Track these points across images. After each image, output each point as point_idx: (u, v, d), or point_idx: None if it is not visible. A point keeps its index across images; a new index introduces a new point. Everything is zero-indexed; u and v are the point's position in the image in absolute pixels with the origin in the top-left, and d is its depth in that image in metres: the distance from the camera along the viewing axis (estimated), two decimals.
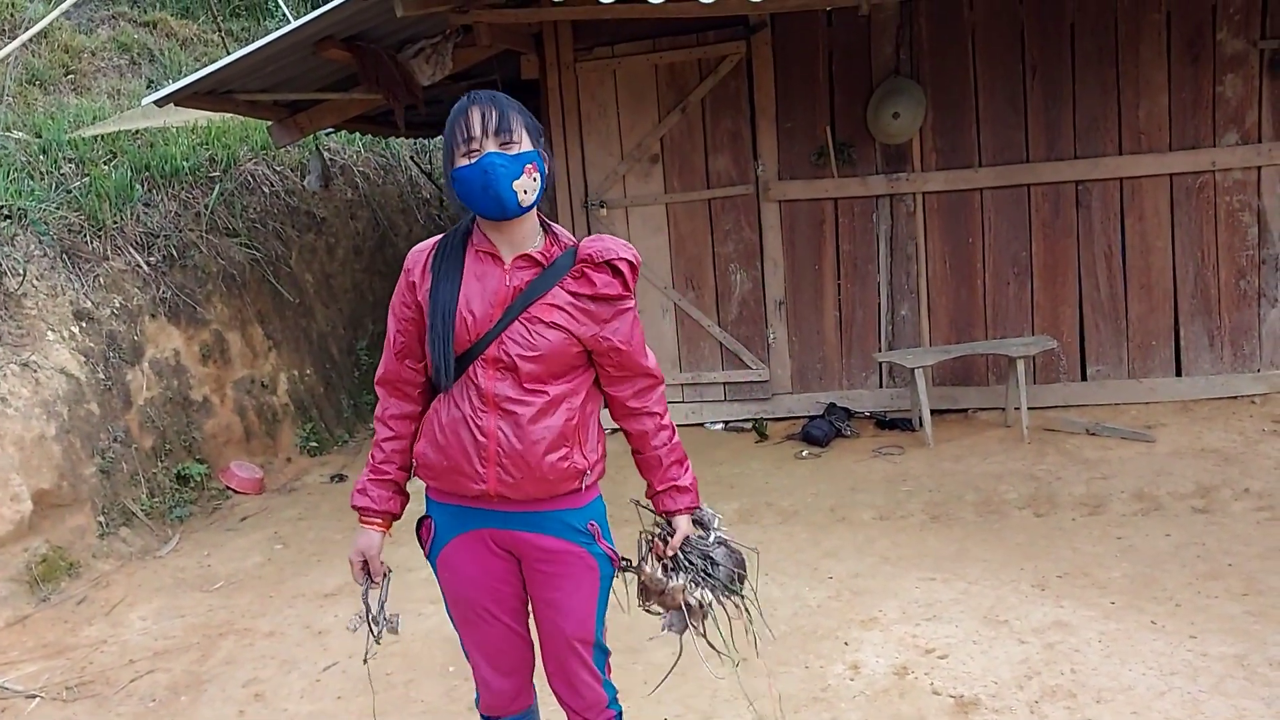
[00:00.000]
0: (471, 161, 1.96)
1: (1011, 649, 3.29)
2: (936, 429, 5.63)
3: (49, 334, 5.16)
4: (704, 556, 2.23)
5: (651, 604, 2.26)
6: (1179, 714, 2.84)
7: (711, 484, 5.30)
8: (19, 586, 4.37)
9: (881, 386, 6.18)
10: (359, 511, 2.18)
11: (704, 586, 2.22)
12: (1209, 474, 4.77)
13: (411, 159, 9.66)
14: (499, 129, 1.96)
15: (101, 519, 4.93)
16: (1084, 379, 5.95)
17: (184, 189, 6.53)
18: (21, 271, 5.20)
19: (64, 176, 6.02)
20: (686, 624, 2.24)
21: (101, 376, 5.30)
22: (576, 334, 2.04)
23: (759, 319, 6.25)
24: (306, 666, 3.67)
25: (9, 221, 5.41)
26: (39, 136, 6.34)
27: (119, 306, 5.63)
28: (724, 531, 2.29)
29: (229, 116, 6.95)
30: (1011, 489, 4.82)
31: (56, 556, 4.60)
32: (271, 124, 6.53)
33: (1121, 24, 5.70)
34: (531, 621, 2.23)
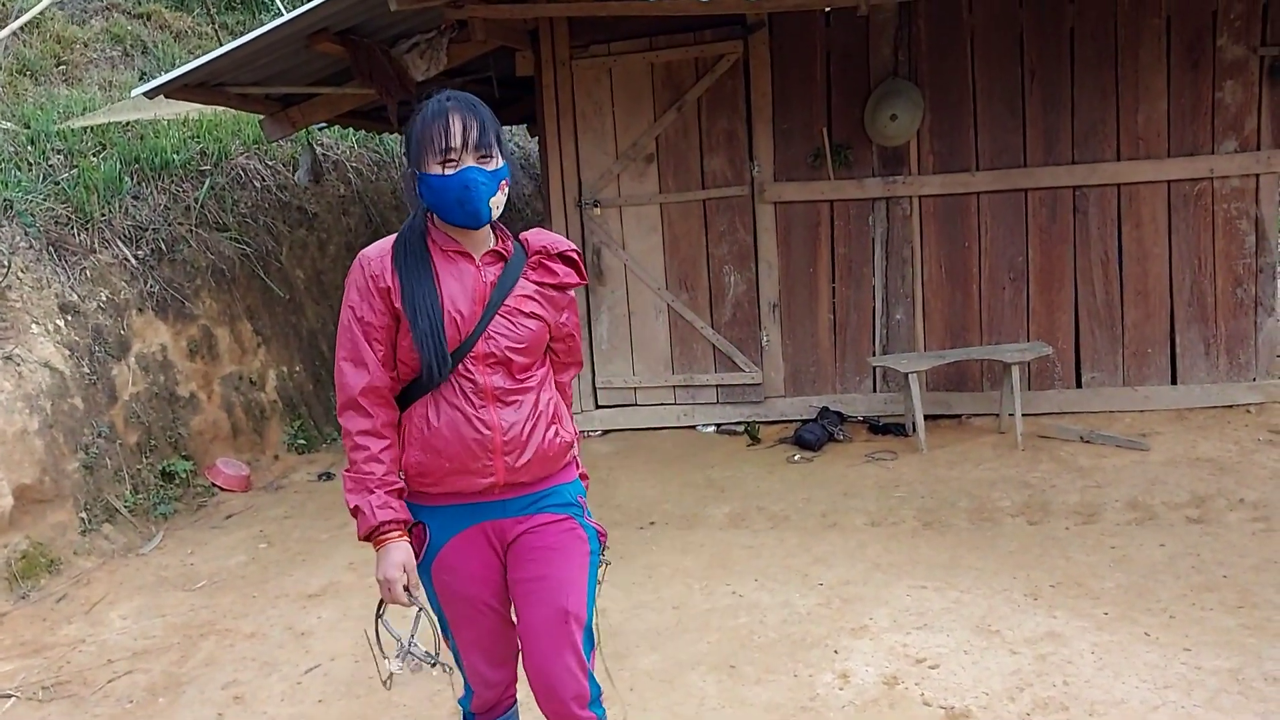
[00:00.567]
0: (447, 172, 2.00)
1: (1003, 660, 3.24)
2: (930, 434, 5.59)
3: (33, 327, 5.09)
4: None
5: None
6: None
7: (702, 487, 5.26)
8: None
9: (875, 391, 6.13)
10: (384, 528, 2.03)
11: None
12: (1204, 484, 4.73)
13: (404, 155, 9.59)
14: (480, 143, 2.01)
15: (84, 515, 4.87)
16: (1079, 386, 5.92)
17: (174, 182, 6.46)
18: (6, 264, 5.13)
19: (52, 168, 5.95)
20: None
21: (86, 371, 5.24)
22: (548, 321, 2.15)
23: (752, 321, 6.20)
24: (288, 669, 3.61)
25: None
26: (27, 127, 6.27)
27: (106, 300, 5.57)
28: None
29: (221, 110, 6.89)
30: (1005, 496, 4.78)
31: (37, 553, 4.54)
32: (263, 118, 6.47)
33: (1121, 29, 5.67)
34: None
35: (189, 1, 9.86)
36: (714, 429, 6.26)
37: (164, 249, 6.06)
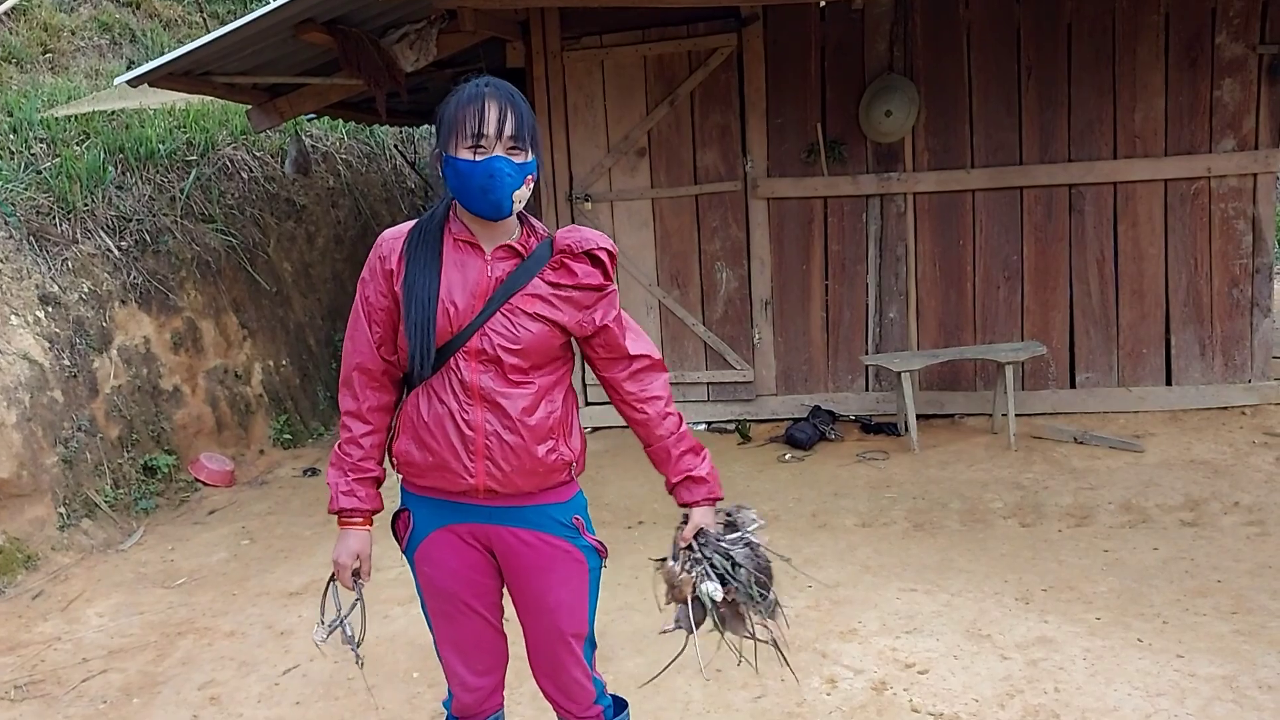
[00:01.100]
0: (476, 159, 1.91)
1: (994, 665, 3.18)
2: (922, 434, 5.53)
3: (12, 318, 5.01)
4: (724, 554, 2.12)
5: (668, 599, 2.15)
6: None
7: None
8: None
9: (867, 390, 6.08)
10: (345, 514, 2.08)
11: (715, 582, 2.09)
12: (1198, 486, 4.68)
13: (396, 148, 9.50)
14: (514, 134, 1.92)
15: (62, 510, 4.79)
16: (1073, 386, 5.86)
17: (159, 172, 6.37)
18: None
19: (34, 157, 5.86)
20: (693, 623, 2.12)
21: (67, 363, 5.15)
22: (559, 323, 2.02)
23: (744, 318, 6.14)
24: (266, 669, 3.55)
25: None
26: (10, 115, 6.17)
27: (88, 291, 5.48)
28: (754, 534, 2.17)
29: (208, 99, 6.79)
30: (997, 498, 4.73)
31: (14, 548, 4.46)
32: (250, 108, 6.38)
33: (1119, 26, 5.61)
34: (514, 625, 2.18)
35: None
36: (705, 427, 6.19)
37: (148, 240, 5.98)
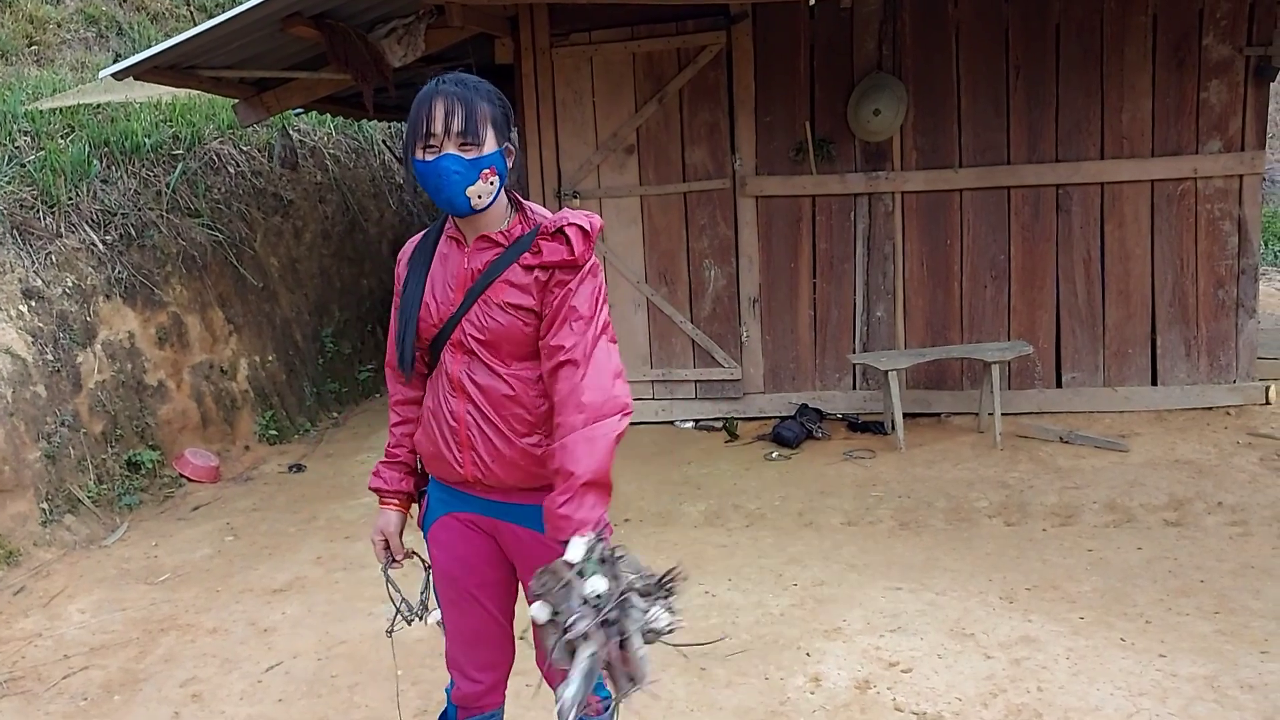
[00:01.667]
0: (428, 159, 1.91)
1: (977, 664, 3.19)
2: (909, 433, 5.54)
3: None
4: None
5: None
6: None
7: (679, 484, 5.19)
8: None
9: (855, 388, 6.08)
10: (377, 493, 2.23)
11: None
12: (1182, 486, 4.70)
13: (384, 143, 9.47)
14: (463, 130, 1.89)
15: (45, 505, 4.75)
16: (1059, 386, 5.88)
17: (145, 166, 6.33)
18: None
19: (18, 150, 5.81)
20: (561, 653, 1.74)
21: (50, 358, 5.11)
22: (532, 309, 1.97)
23: (732, 316, 6.13)
24: (249, 666, 3.52)
25: None
26: None
27: (71, 286, 5.44)
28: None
29: (195, 93, 6.75)
30: (983, 497, 4.74)
31: None
32: (237, 102, 6.34)
33: (1107, 26, 5.62)
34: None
35: None
36: (692, 425, 6.19)
37: (133, 234, 5.93)
